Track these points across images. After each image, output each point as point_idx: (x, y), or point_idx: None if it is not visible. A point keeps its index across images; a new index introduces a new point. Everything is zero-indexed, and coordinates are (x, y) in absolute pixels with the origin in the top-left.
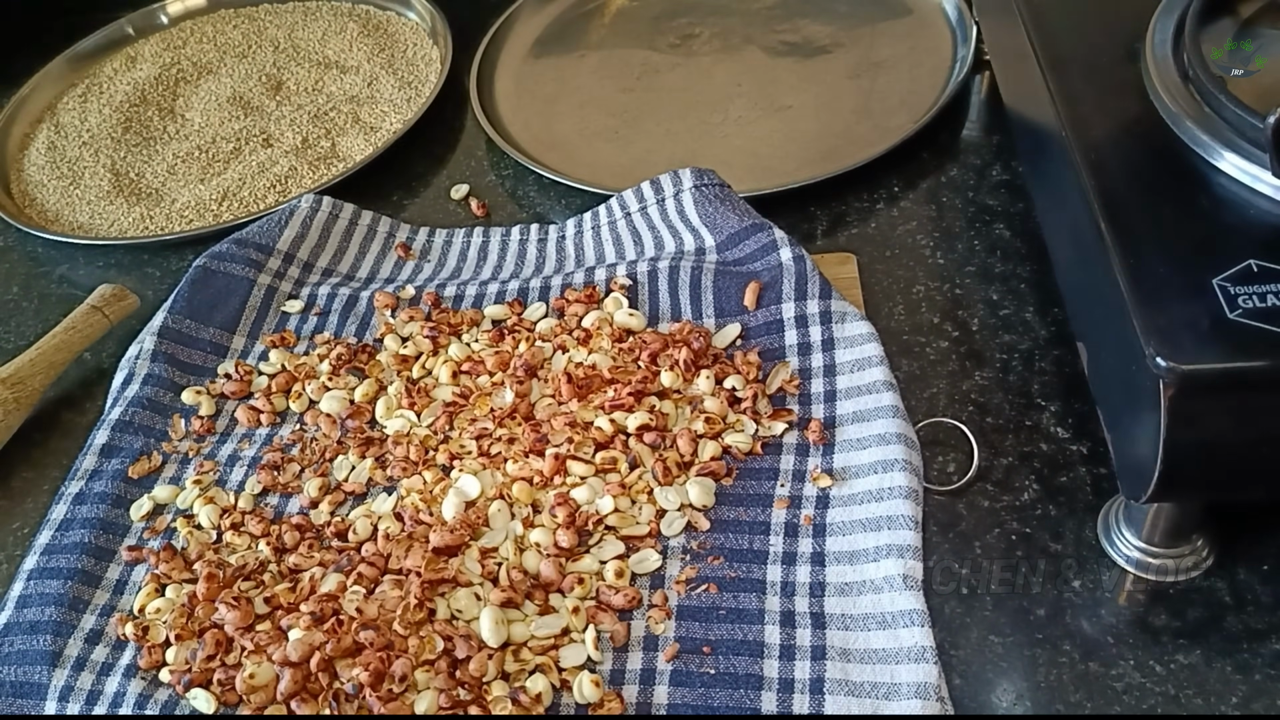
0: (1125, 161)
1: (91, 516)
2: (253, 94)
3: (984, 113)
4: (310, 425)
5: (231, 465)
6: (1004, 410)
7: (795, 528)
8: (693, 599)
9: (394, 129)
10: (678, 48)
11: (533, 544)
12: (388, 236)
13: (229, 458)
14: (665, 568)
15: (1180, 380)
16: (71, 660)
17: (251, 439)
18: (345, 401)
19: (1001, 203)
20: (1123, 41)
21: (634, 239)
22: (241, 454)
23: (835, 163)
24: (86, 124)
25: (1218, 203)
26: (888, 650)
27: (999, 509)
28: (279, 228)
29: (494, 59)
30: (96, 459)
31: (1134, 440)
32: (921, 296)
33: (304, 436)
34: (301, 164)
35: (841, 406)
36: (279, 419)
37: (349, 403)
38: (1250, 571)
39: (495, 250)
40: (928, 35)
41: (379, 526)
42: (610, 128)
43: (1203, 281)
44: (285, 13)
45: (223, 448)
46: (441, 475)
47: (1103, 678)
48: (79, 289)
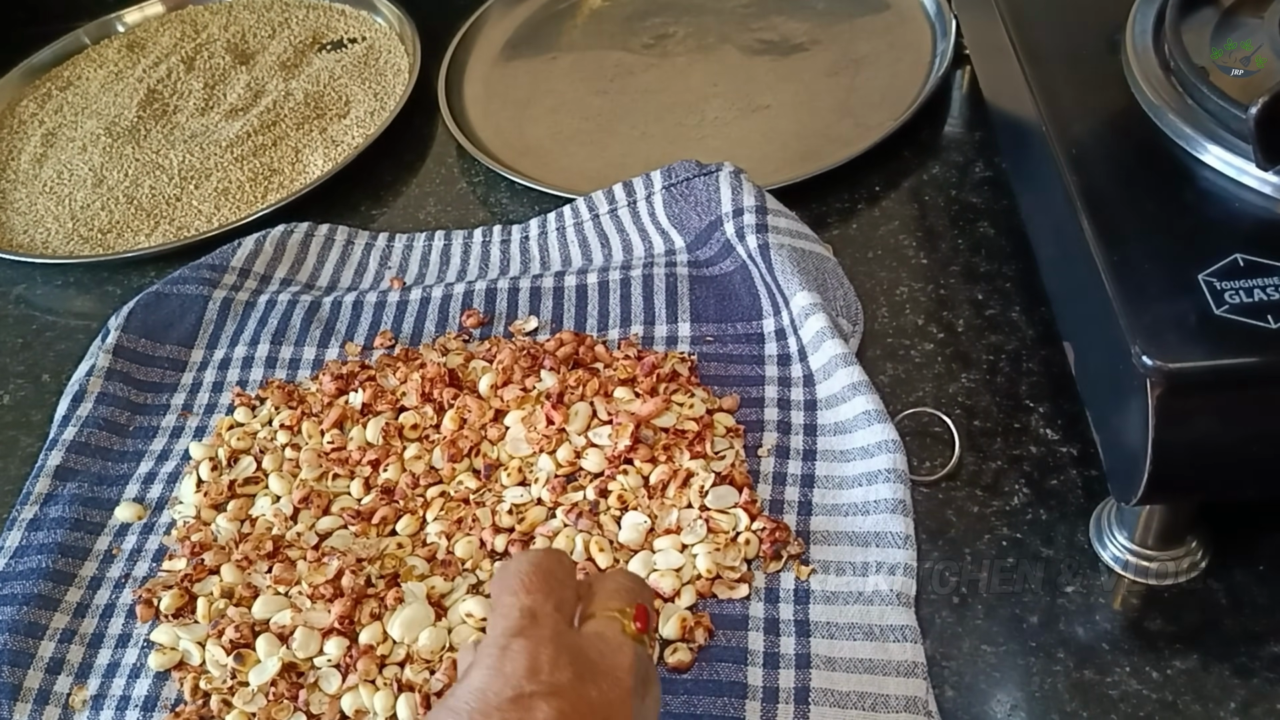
0: (1107, 155)
1: (49, 542)
2: (216, 105)
3: (965, 108)
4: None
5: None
6: (992, 412)
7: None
8: None
9: (357, 142)
10: (652, 48)
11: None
12: (346, 244)
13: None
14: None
15: (1167, 379)
16: (34, 693)
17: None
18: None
19: (985, 200)
20: (1103, 33)
21: (601, 241)
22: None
23: (815, 162)
24: (44, 139)
25: (1202, 196)
26: (875, 661)
27: (989, 514)
28: (234, 248)
29: (463, 62)
30: (51, 482)
31: (1123, 441)
32: (905, 298)
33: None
34: (262, 178)
35: (823, 416)
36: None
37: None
38: (1246, 573)
39: (458, 253)
40: (907, 30)
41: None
42: (584, 131)
43: (1188, 277)
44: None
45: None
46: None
47: (1098, 685)
48: (36, 309)
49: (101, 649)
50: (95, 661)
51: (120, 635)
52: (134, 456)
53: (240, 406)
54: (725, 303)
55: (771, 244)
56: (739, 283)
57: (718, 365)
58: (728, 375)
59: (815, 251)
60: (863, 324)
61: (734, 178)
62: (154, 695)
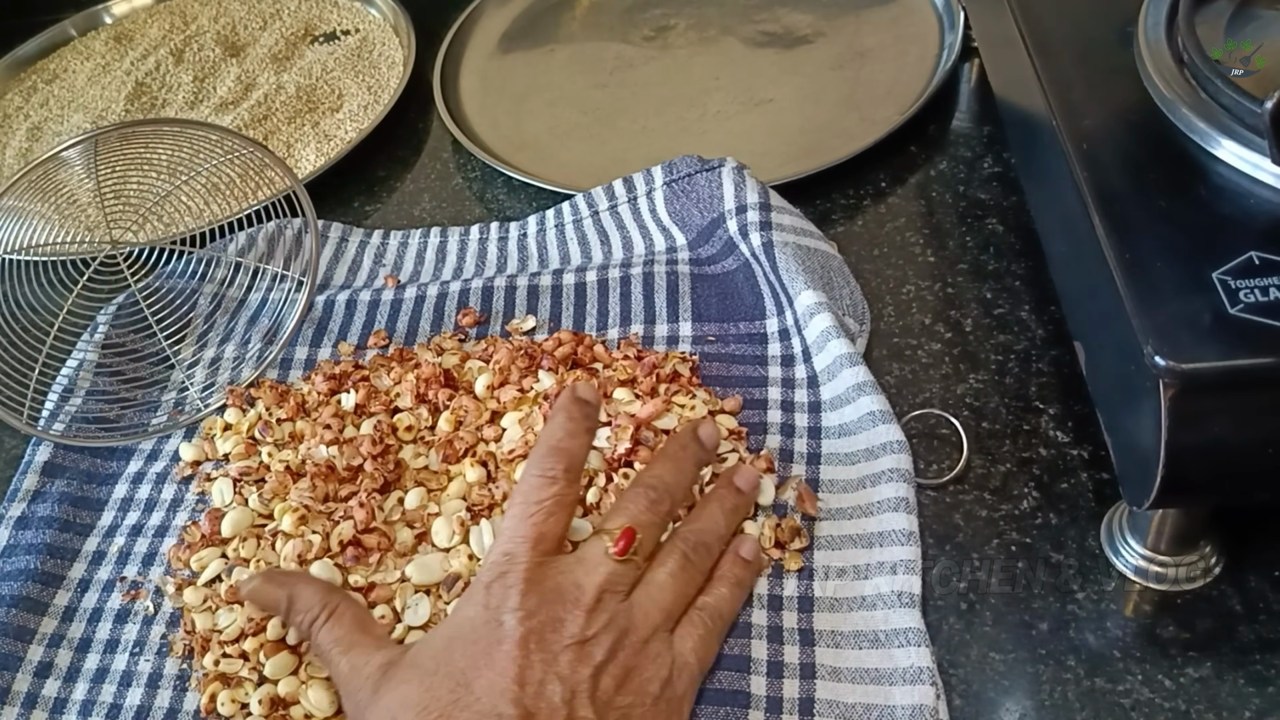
0: (1119, 151)
1: (37, 542)
2: (206, 98)
3: (974, 102)
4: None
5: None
6: (1000, 414)
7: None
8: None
9: (351, 136)
10: (652, 40)
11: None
12: (340, 241)
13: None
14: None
15: (1181, 380)
16: (21, 697)
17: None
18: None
19: (993, 196)
20: (1115, 25)
21: (601, 239)
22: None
23: (819, 158)
24: (30, 134)
25: (1216, 193)
26: (881, 670)
27: (997, 518)
28: (223, 245)
29: (459, 55)
30: (39, 479)
31: (1135, 443)
32: (912, 296)
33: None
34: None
35: (827, 419)
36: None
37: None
38: (1261, 578)
39: (454, 251)
40: (913, 22)
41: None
42: (583, 126)
43: (1202, 276)
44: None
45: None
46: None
47: (1110, 694)
48: (24, 305)
49: (90, 653)
50: (84, 666)
51: (109, 640)
52: (124, 455)
53: (232, 407)
54: (728, 302)
55: (775, 241)
56: (742, 281)
57: (720, 366)
58: (730, 376)
59: (820, 249)
60: (869, 323)
61: (736, 173)
62: (146, 706)
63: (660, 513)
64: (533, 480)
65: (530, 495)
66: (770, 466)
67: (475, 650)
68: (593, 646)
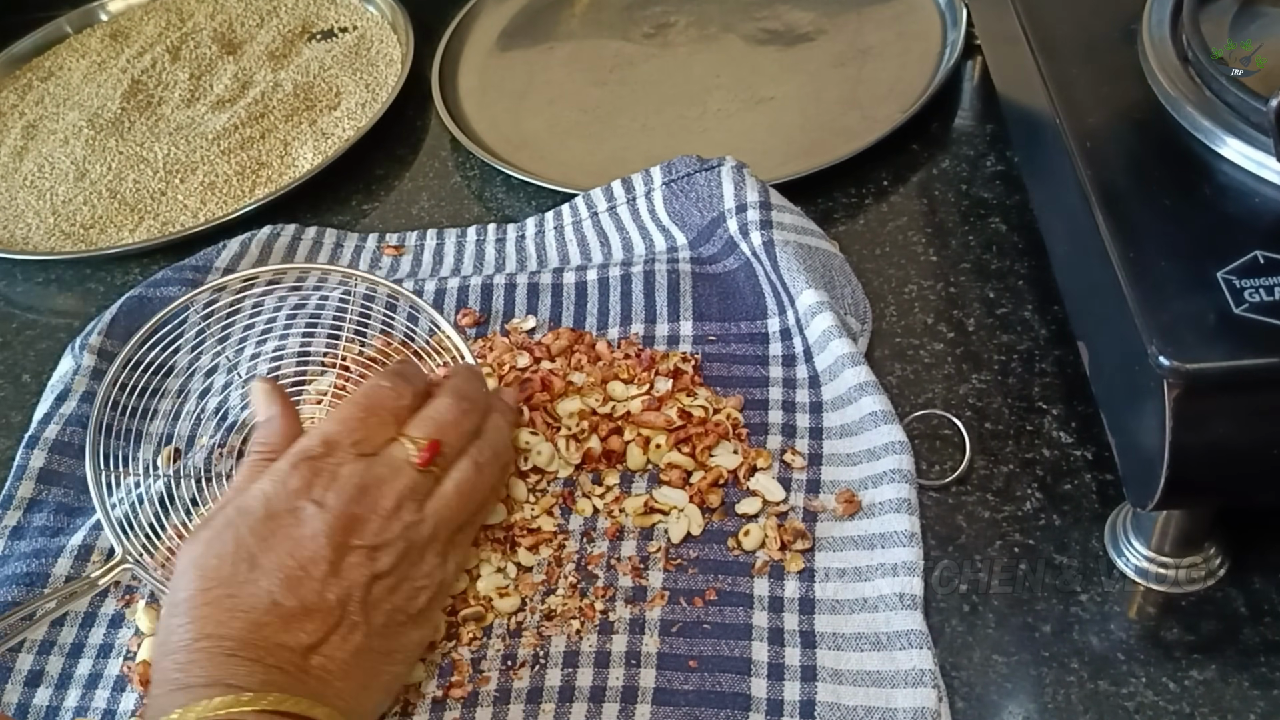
0: (1122, 149)
1: (29, 551)
2: (203, 96)
3: (976, 100)
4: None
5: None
6: (1003, 415)
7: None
8: (677, 613)
9: (348, 134)
10: (652, 38)
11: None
12: (335, 247)
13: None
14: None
15: (1185, 379)
16: (13, 707)
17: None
18: None
19: (996, 195)
20: (1118, 23)
21: (600, 240)
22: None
23: (820, 156)
24: (25, 132)
25: (1221, 191)
26: (883, 673)
27: (1000, 519)
28: (218, 250)
29: (457, 52)
30: (35, 486)
31: (1139, 444)
32: (914, 296)
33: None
34: (250, 172)
35: (829, 419)
36: None
37: None
38: (1266, 580)
39: (451, 252)
40: (916, 19)
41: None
42: (582, 124)
43: (1206, 275)
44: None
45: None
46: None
47: (1113, 697)
48: (17, 307)
49: (81, 659)
50: (75, 672)
51: (102, 645)
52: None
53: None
54: (728, 301)
55: (776, 240)
56: (743, 281)
57: (721, 366)
58: (731, 376)
59: (822, 248)
60: (871, 322)
61: (736, 172)
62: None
63: (467, 426)
64: (384, 389)
65: (374, 398)
66: (770, 464)
67: (269, 530)
68: (381, 554)
